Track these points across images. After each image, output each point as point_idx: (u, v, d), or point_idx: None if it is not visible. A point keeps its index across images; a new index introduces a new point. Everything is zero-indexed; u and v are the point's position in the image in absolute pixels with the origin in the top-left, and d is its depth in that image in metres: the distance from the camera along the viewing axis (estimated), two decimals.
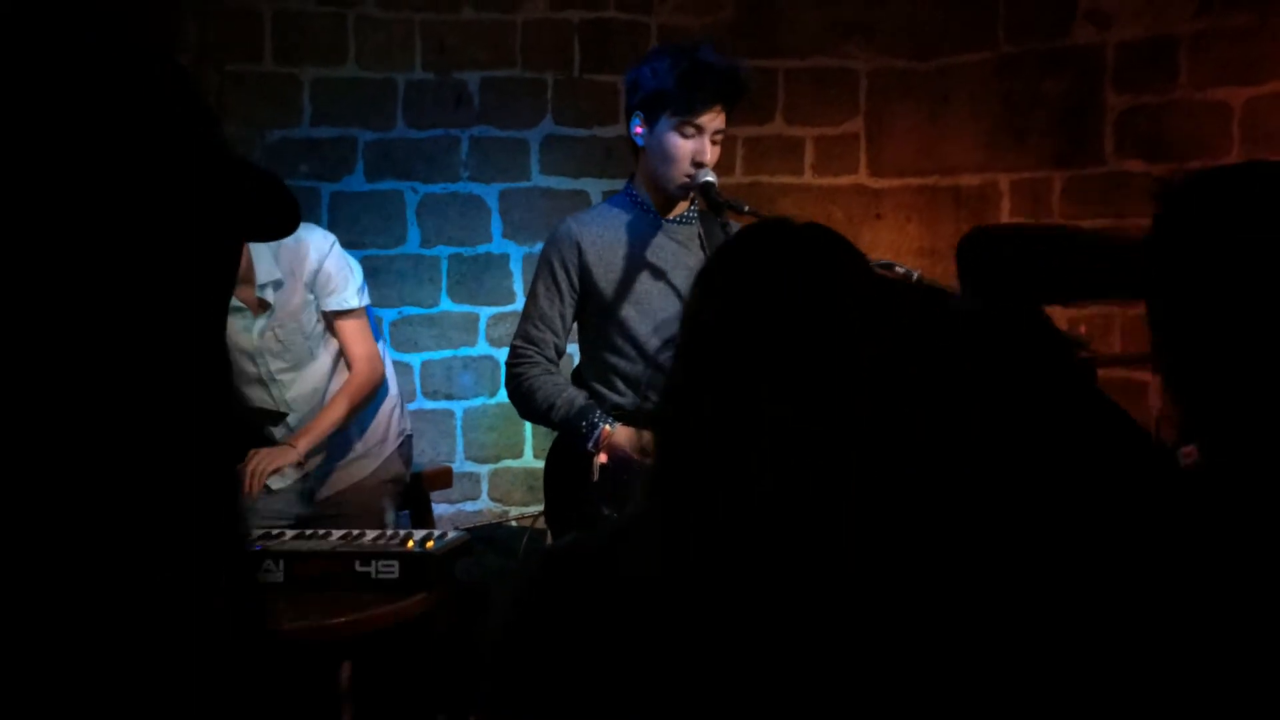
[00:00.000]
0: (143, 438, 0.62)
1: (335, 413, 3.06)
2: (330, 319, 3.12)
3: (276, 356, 3.10)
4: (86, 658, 0.62)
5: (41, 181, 0.60)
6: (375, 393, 3.18)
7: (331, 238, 3.13)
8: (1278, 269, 1.00)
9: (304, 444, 2.98)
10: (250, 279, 2.96)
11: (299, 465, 3.00)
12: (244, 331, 3.04)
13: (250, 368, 3.10)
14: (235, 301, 2.99)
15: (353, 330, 3.15)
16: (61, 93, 0.61)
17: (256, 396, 3.12)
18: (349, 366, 3.16)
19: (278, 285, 3.02)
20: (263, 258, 2.97)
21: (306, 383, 3.14)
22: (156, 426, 0.63)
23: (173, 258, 0.62)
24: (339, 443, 3.16)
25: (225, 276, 0.68)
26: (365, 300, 3.17)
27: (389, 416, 3.34)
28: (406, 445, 3.44)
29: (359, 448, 3.26)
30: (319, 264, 3.04)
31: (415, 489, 3.63)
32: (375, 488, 3.26)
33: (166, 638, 0.64)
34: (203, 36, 4.16)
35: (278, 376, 3.13)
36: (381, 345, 3.36)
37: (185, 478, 0.65)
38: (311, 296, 3.08)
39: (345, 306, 3.11)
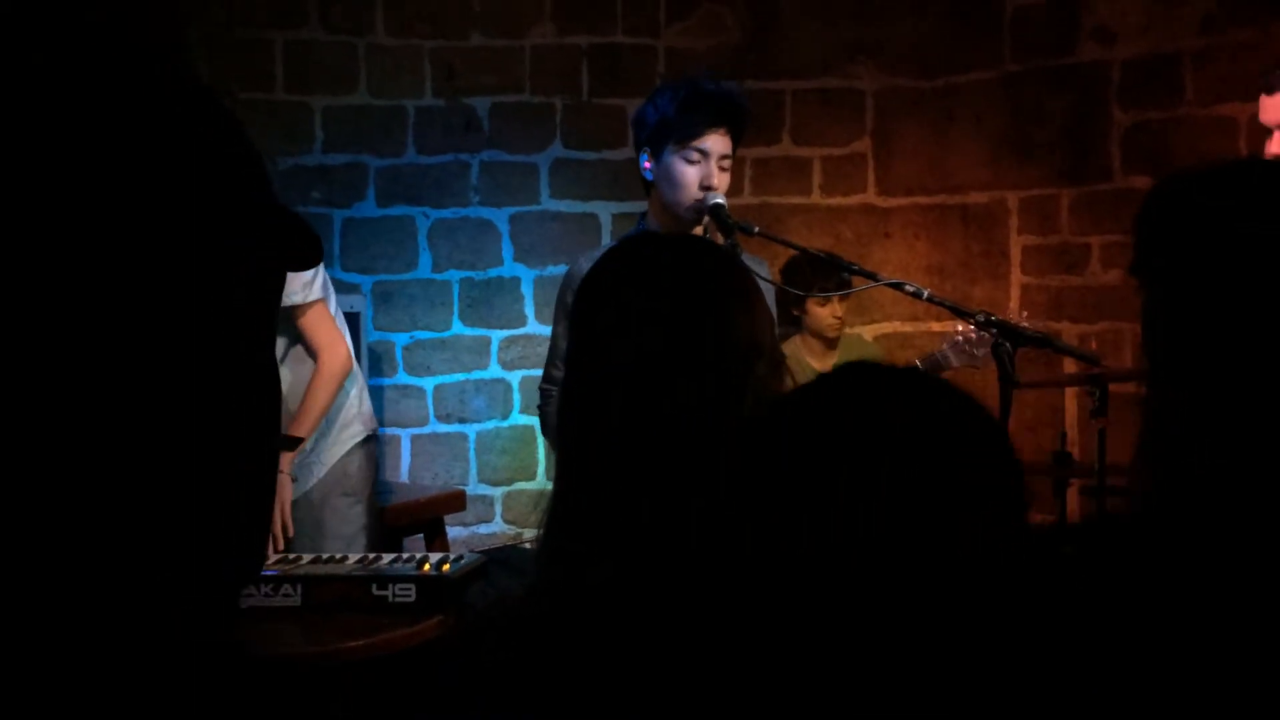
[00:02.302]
0: (144, 454, 0.63)
1: (310, 416, 2.97)
2: (288, 315, 3.02)
3: None
4: (71, 663, 0.63)
5: (50, 189, 0.61)
6: (345, 378, 3.08)
7: None
8: (1269, 261, 1.00)
9: (287, 462, 2.89)
10: None
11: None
12: None
13: None
14: None
15: (310, 323, 3.04)
16: (74, 102, 0.62)
17: None
18: (313, 359, 3.05)
19: None
20: None
21: None
22: (160, 441, 0.64)
23: (181, 270, 0.63)
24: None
25: (255, 293, 0.68)
26: (317, 294, 3.04)
27: (339, 416, 3.15)
28: (360, 456, 3.17)
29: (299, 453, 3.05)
30: None
31: (414, 511, 3.58)
32: (321, 501, 3.08)
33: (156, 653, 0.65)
34: (214, 66, 4.21)
35: None
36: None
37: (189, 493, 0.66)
38: None
39: (292, 302, 2.99)
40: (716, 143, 2.56)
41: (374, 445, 3.28)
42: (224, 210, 0.63)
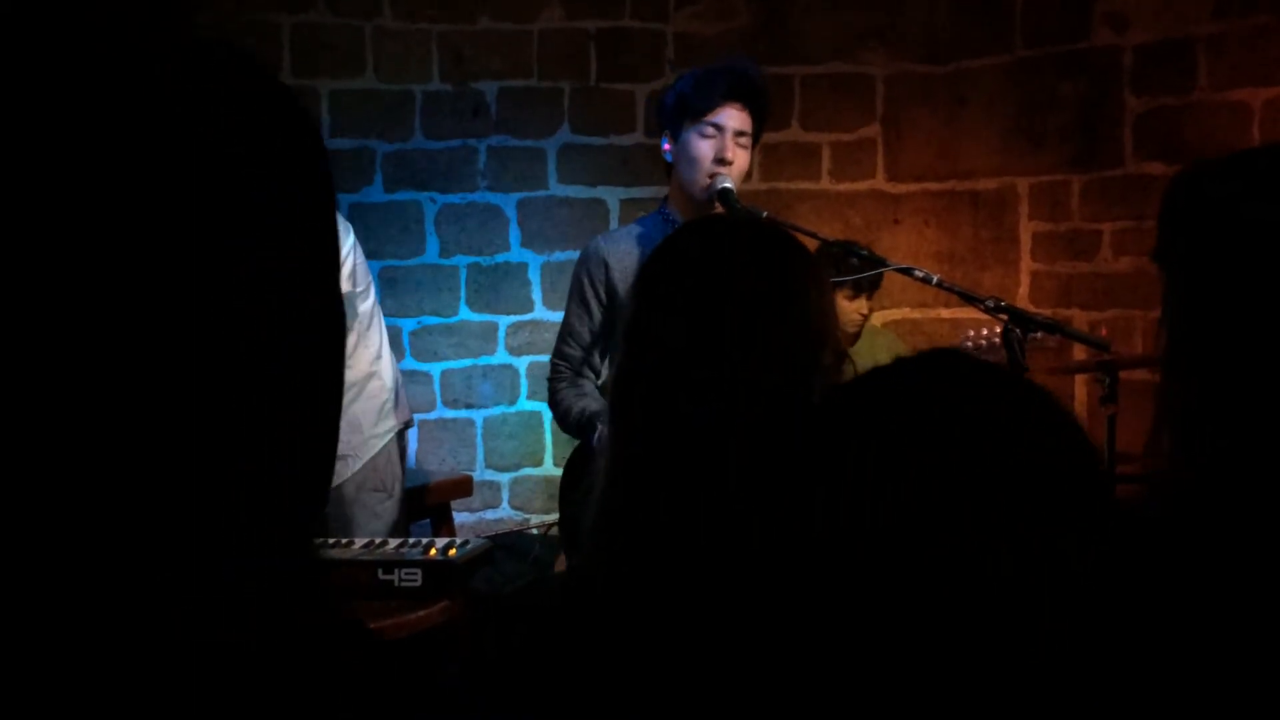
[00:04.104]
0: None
1: None
2: None
3: None
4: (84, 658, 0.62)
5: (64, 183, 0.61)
6: None
7: (348, 230, 2.94)
8: None
9: None
10: None
11: None
12: None
13: None
14: None
15: None
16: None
17: None
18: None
19: None
20: None
21: None
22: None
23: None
24: None
25: (257, 295, 0.67)
26: (341, 289, 2.91)
27: (375, 413, 3.09)
28: (392, 451, 3.12)
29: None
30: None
31: (421, 496, 3.56)
32: (354, 497, 3.04)
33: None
34: None
35: None
36: (378, 337, 3.13)
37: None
38: None
39: None
40: (732, 117, 2.55)
41: (405, 437, 3.24)
42: (216, 214, 0.62)
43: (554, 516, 4.48)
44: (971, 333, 3.10)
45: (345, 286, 2.93)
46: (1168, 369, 1.08)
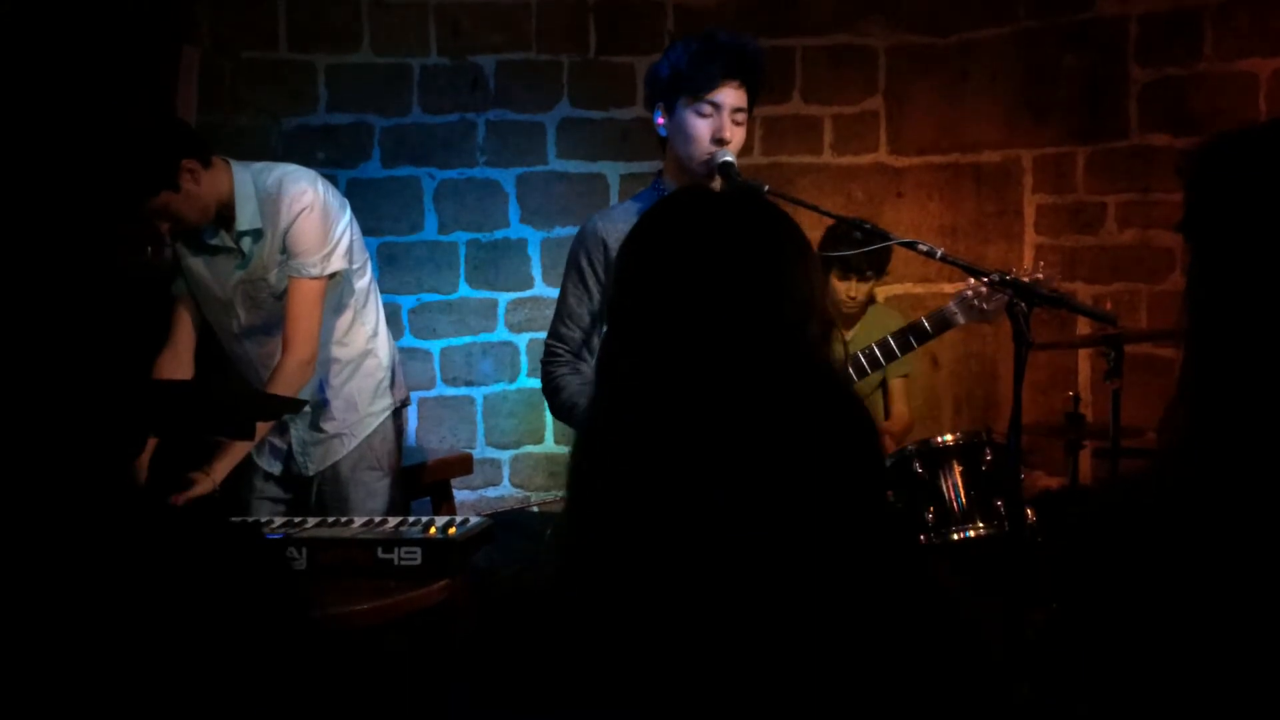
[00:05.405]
0: None
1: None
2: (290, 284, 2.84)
3: (247, 311, 2.92)
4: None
5: None
6: (306, 380, 2.85)
7: (316, 195, 2.83)
8: None
9: (220, 468, 2.71)
10: (230, 216, 2.80)
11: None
12: (225, 276, 2.89)
13: (228, 320, 2.95)
14: (226, 241, 2.85)
15: (298, 301, 2.80)
16: None
17: (243, 353, 2.98)
18: (283, 343, 2.82)
19: (257, 236, 2.83)
20: (246, 204, 2.80)
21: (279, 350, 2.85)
22: None
23: None
24: (313, 417, 2.97)
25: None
26: (335, 267, 2.86)
27: (371, 391, 3.08)
28: (388, 429, 3.10)
29: (329, 426, 3.02)
30: (290, 223, 2.80)
31: (421, 474, 3.55)
32: (349, 475, 3.04)
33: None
34: (216, 24, 4.15)
35: (249, 331, 2.93)
36: (375, 314, 3.09)
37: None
38: (283, 256, 2.84)
39: (299, 273, 2.81)
40: (729, 95, 2.50)
41: (403, 415, 3.22)
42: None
43: (555, 494, 4.47)
44: (972, 281, 3.04)
45: (341, 264, 2.91)
46: (1190, 343, 1.05)
